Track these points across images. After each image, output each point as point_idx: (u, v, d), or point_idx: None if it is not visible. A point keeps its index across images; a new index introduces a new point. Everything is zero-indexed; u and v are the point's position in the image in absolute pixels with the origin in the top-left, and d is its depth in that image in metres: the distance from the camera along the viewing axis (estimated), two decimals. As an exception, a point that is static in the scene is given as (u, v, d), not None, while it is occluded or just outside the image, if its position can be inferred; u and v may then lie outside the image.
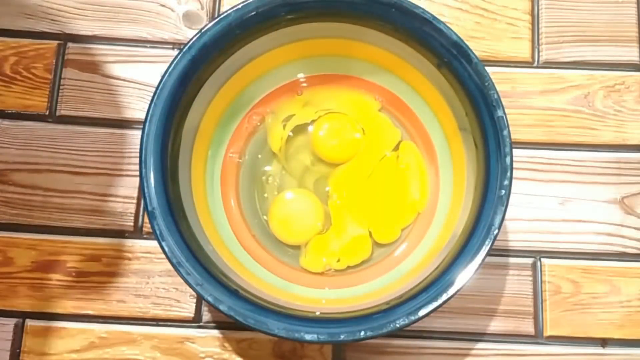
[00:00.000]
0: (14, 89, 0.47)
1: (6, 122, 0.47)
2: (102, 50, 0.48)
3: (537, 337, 0.43)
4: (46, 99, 0.47)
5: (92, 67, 0.48)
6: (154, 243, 0.36)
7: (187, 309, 0.44)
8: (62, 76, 0.48)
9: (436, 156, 0.43)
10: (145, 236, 0.45)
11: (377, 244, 0.43)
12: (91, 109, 0.47)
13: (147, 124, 0.36)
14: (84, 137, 0.47)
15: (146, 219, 0.45)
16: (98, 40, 0.48)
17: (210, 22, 0.38)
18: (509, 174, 0.36)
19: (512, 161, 0.36)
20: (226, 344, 0.43)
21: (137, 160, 0.36)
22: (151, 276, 0.44)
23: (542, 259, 0.44)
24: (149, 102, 0.36)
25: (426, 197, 0.43)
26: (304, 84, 0.45)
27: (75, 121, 0.47)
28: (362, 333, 0.33)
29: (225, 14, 0.38)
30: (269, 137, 0.44)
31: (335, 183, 0.44)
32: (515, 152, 0.41)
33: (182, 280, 0.35)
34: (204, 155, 0.42)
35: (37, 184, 0.46)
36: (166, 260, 0.35)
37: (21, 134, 0.47)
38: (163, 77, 0.37)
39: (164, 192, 0.36)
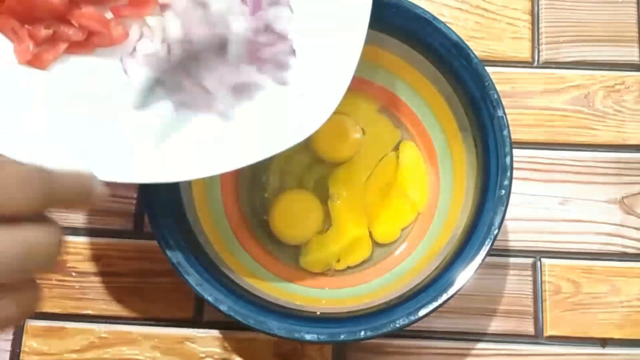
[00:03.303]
0: (14, 89, 0.47)
1: (6, 122, 0.47)
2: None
3: (537, 337, 0.43)
4: (46, 99, 0.47)
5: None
6: (154, 243, 0.36)
7: (187, 309, 0.44)
8: (62, 76, 0.48)
9: (436, 156, 0.43)
10: (145, 236, 0.45)
11: (377, 244, 0.43)
12: (91, 109, 0.47)
13: (147, 124, 0.36)
14: (84, 137, 0.47)
15: (146, 219, 0.45)
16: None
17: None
18: (509, 174, 0.36)
19: (512, 161, 0.36)
20: (226, 344, 0.43)
21: (137, 160, 0.36)
22: (151, 276, 0.44)
23: (542, 259, 0.44)
24: (149, 102, 0.36)
25: (426, 197, 0.43)
26: (304, 84, 0.45)
27: (75, 121, 0.47)
28: (362, 333, 0.33)
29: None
30: (269, 137, 0.44)
31: (335, 183, 0.44)
32: (515, 152, 0.41)
33: (182, 280, 0.35)
34: (204, 155, 0.42)
35: (37, 184, 0.46)
36: (166, 260, 0.35)
37: (21, 134, 0.47)
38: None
39: (164, 193, 0.36)
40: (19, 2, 0.32)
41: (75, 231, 0.45)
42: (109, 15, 0.34)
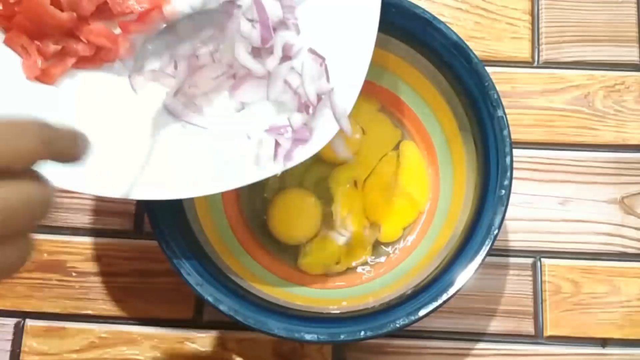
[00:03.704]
0: (14, 89, 0.47)
1: (6, 122, 0.47)
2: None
3: (537, 337, 0.43)
4: (46, 99, 0.47)
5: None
6: (154, 243, 0.36)
7: (187, 309, 0.44)
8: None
9: (436, 156, 0.43)
10: (145, 236, 0.45)
11: (377, 243, 0.43)
12: (91, 109, 0.47)
13: (147, 124, 0.36)
14: (84, 137, 0.47)
15: (146, 219, 0.45)
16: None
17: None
18: (509, 174, 0.36)
19: (512, 161, 0.36)
20: (226, 344, 0.43)
21: (137, 160, 0.36)
22: (151, 276, 0.44)
23: (542, 259, 0.44)
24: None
25: (426, 197, 0.43)
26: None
27: (75, 121, 0.47)
28: (362, 333, 0.33)
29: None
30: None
31: (335, 183, 0.44)
32: (515, 152, 0.41)
33: (182, 280, 0.35)
34: (204, 155, 0.42)
35: (37, 184, 0.46)
36: (166, 260, 0.35)
37: (21, 134, 0.46)
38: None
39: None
40: (28, 18, 0.32)
41: (75, 231, 0.45)
42: (117, 31, 0.34)
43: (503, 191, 0.35)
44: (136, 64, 0.35)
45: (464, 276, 0.34)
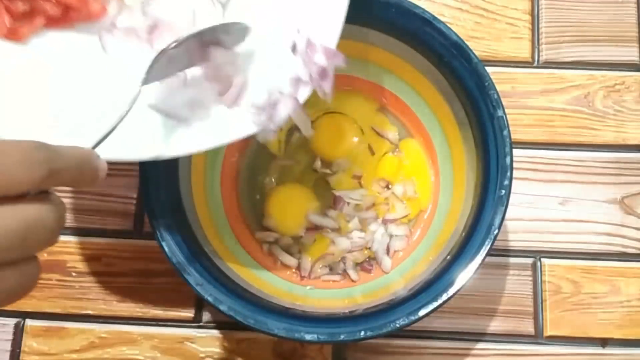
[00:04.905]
0: (14, 89, 0.47)
1: (6, 122, 0.47)
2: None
3: (537, 337, 0.43)
4: (46, 99, 0.47)
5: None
6: (154, 243, 0.36)
7: (187, 309, 0.44)
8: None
9: (436, 156, 0.43)
10: (145, 236, 0.45)
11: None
12: (91, 109, 0.47)
13: (147, 124, 0.36)
14: (84, 137, 0.47)
15: (146, 219, 0.45)
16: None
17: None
18: (509, 174, 0.36)
19: (512, 161, 0.36)
20: (226, 344, 0.43)
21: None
22: (151, 276, 0.44)
23: (542, 259, 0.44)
24: (149, 102, 0.36)
25: (428, 193, 0.43)
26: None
27: (75, 121, 0.47)
28: (362, 333, 0.33)
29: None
30: (268, 137, 0.44)
31: (338, 183, 0.44)
32: (515, 152, 0.41)
33: (182, 280, 0.35)
34: (204, 156, 0.42)
35: (37, 184, 0.46)
36: (166, 260, 0.35)
37: (21, 134, 0.46)
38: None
39: (164, 192, 0.36)
40: None
41: (75, 231, 0.45)
42: None
43: (503, 191, 0.35)
44: (108, 23, 0.34)
45: (464, 276, 0.34)
